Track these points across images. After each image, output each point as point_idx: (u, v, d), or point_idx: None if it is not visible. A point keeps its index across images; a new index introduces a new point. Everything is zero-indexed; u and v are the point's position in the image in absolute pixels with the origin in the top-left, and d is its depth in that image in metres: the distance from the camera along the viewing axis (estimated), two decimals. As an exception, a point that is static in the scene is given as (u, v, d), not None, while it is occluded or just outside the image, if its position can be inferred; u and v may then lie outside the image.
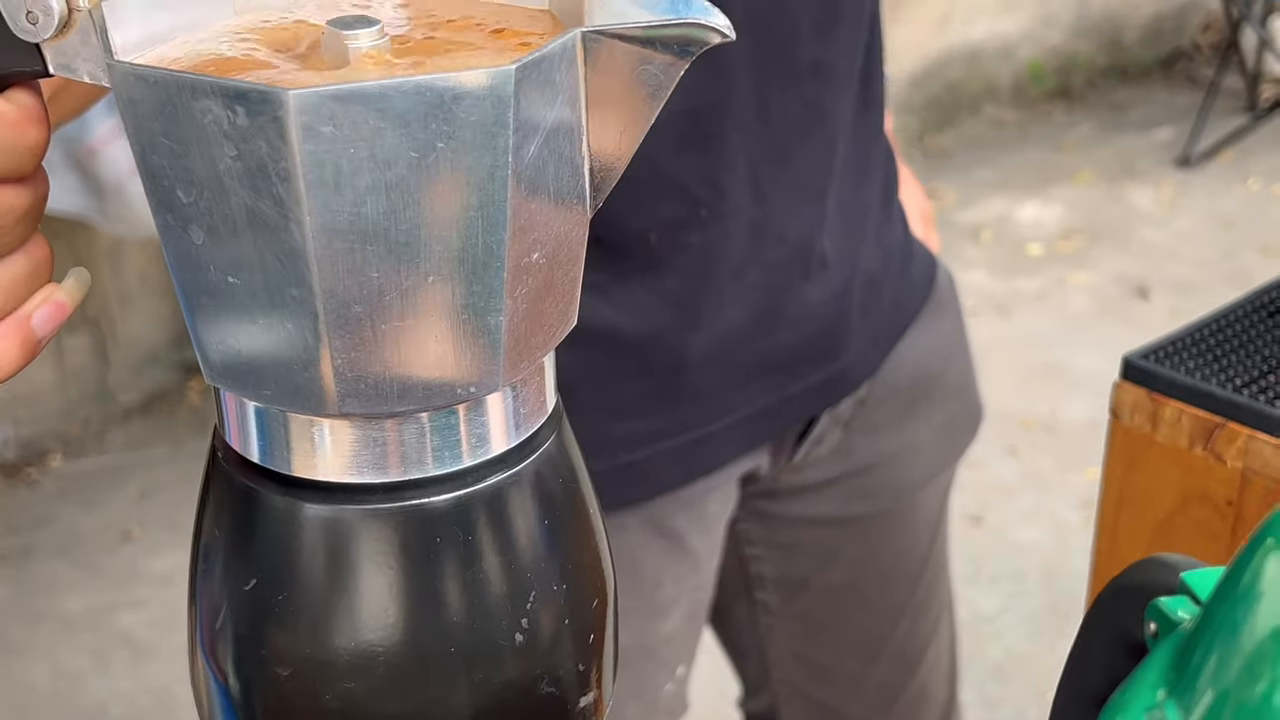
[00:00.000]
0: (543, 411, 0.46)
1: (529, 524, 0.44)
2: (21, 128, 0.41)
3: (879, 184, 0.99)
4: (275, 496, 0.43)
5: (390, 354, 0.40)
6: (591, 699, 0.47)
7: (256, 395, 0.42)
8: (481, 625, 0.43)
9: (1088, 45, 4.34)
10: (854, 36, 0.92)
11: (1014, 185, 3.75)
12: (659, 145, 0.83)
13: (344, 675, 0.42)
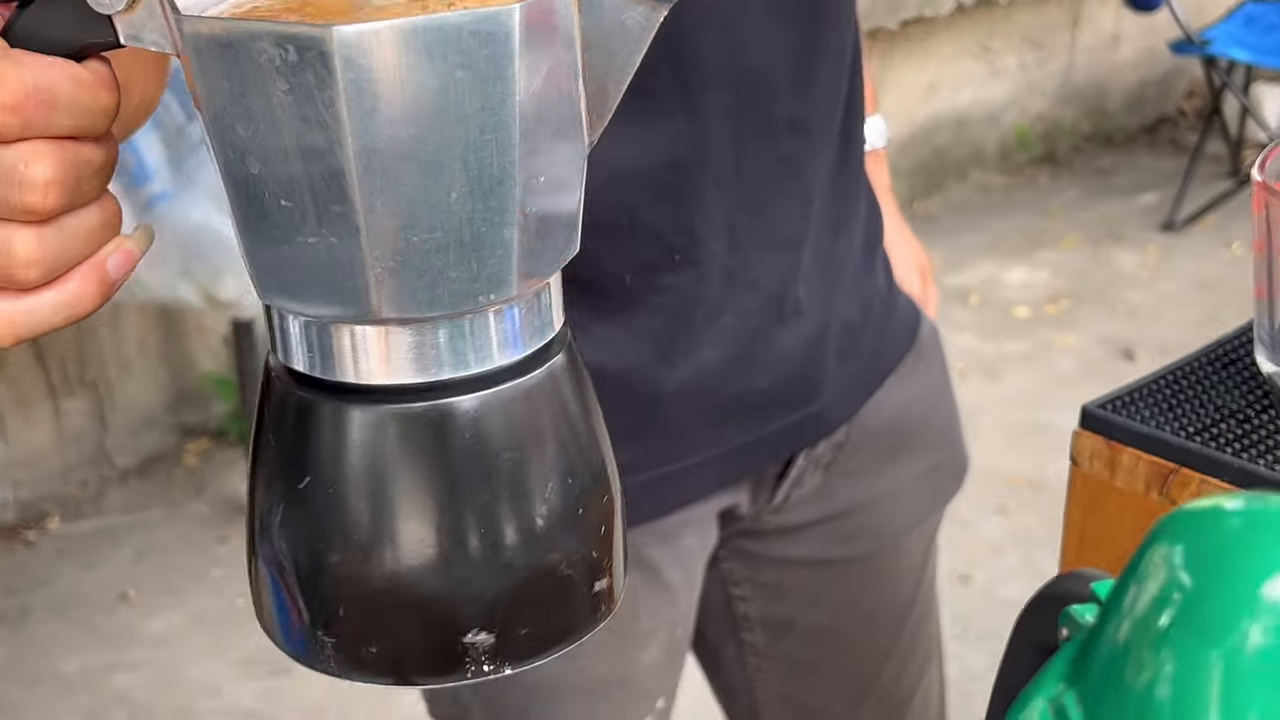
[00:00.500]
0: (554, 325, 0.52)
1: (545, 422, 0.50)
2: (96, 91, 0.46)
3: (860, 237, 1.02)
4: (322, 402, 0.49)
5: (421, 263, 0.46)
6: (605, 585, 0.53)
7: (303, 308, 0.48)
8: (506, 511, 0.49)
9: (1073, 112, 4.41)
10: (831, 93, 0.94)
11: (1001, 249, 3.80)
12: (636, 195, 0.87)
13: (386, 560, 0.48)
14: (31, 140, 0.45)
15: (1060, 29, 4.26)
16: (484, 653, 0.50)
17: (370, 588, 0.49)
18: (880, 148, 1.19)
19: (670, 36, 0.81)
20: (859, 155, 1.01)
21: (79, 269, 0.48)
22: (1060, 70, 4.32)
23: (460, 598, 0.49)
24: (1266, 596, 0.30)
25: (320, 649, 0.50)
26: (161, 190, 2.39)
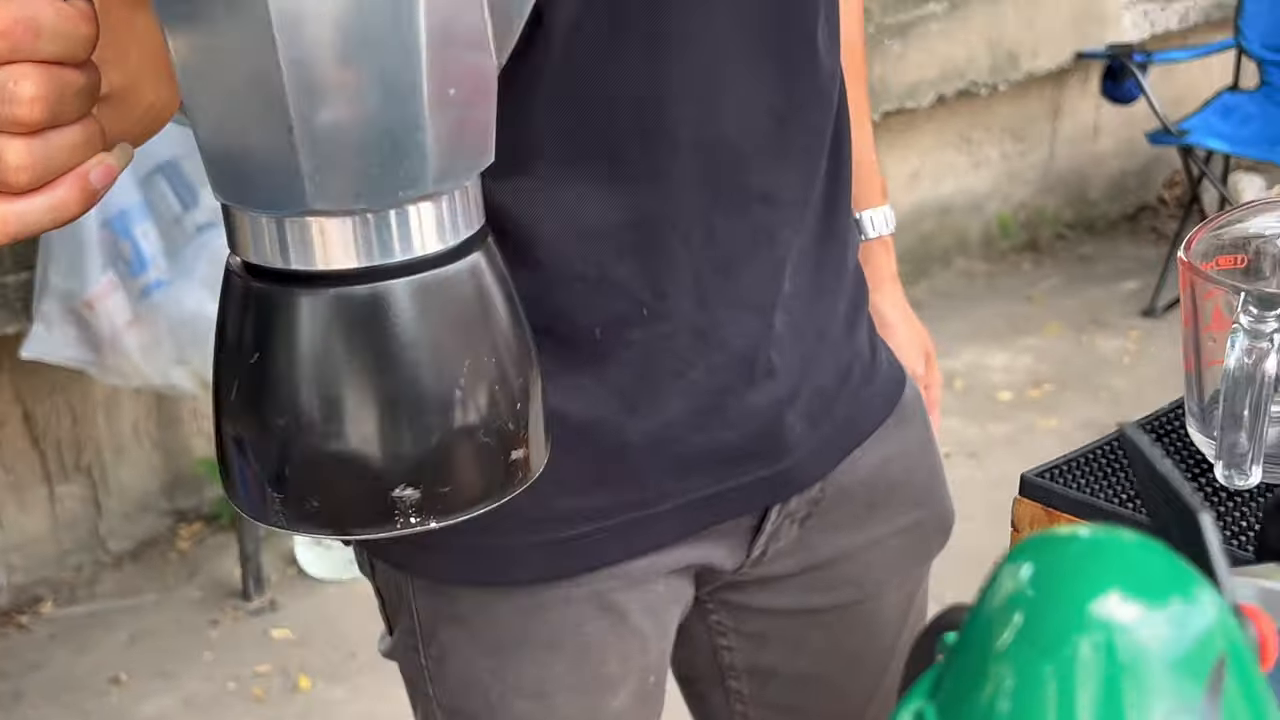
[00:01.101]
0: (474, 225, 0.60)
1: (466, 307, 0.59)
2: (77, 22, 0.54)
3: (841, 308, 1.03)
4: (269, 288, 0.57)
5: (345, 161, 0.54)
6: (521, 455, 0.61)
7: (251, 204, 0.56)
8: (430, 383, 0.57)
9: (1055, 200, 4.49)
10: (808, 168, 0.96)
11: (985, 335, 3.86)
12: (604, 251, 0.89)
13: (324, 424, 0.56)
14: (19, 63, 0.52)
15: (1041, 120, 4.35)
16: (411, 506, 0.57)
17: (311, 448, 0.56)
18: (888, 235, 1.22)
19: (643, 104, 0.86)
20: (844, 230, 1.03)
21: (65, 178, 0.56)
22: (1041, 160, 4.41)
23: (389, 457, 0.56)
24: (1095, 613, 0.34)
25: (270, 505, 0.58)
26: (158, 279, 2.44)
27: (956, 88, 3.85)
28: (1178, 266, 0.87)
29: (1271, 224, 0.89)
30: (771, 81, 0.92)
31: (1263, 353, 0.79)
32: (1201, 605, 0.35)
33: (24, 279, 2.45)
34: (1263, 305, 0.80)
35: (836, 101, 0.99)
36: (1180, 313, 0.88)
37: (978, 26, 3.82)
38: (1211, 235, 0.89)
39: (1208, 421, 0.87)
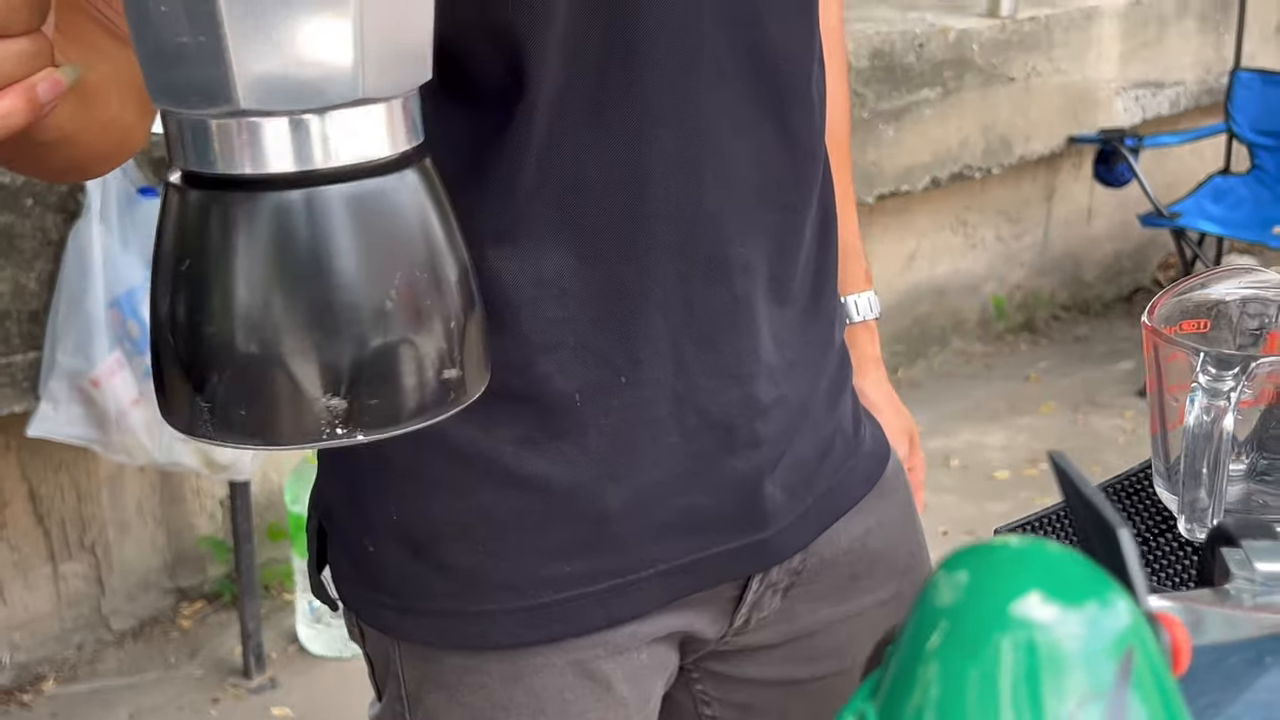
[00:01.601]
0: (414, 139, 0.60)
1: (400, 219, 0.59)
2: None
3: (824, 383, 1.04)
4: (205, 193, 0.57)
5: (275, 60, 0.54)
6: (454, 375, 0.60)
7: (185, 106, 0.56)
8: (360, 292, 0.57)
9: (1050, 282, 4.54)
10: (791, 243, 0.98)
11: (982, 415, 3.90)
12: (583, 320, 0.91)
13: (252, 330, 0.57)
14: None
15: (1035, 203, 4.41)
16: (338, 417, 0.57)
17: (239, 355, 0.57)
18: (872, 319, 1.24)
19: (625, 181, 0.89)
20: (830, 307, 1.05)
21: (12, 88, 0.57)
22: (1036, 243, 4.46)
23: (317, 365, 0.56)
24: (1016, 613, 0.37)
25: (198, 415, 0.58)
26: (163, 357, 2.48)
27: (950, 171, 3.91)
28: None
29: (1232, 290, 0.93)
30: (752, 159, 0.94)
31: (1220, 411, 0.83)
32: (1116, 608, 0.38)
33: (32, 358, 2.49)
34: (1220, 365, 0.83)
35: (820, 181, 1.01)
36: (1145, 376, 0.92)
37: (970, 112, 3.89)
38: (1175, 301, 0.93)
39: (1173, 479, 0.90)
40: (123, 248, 2.48)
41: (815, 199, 1.01)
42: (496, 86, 0.85)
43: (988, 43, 3.87)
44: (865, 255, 1.26)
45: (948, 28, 3.79)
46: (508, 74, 0.85)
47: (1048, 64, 4.03)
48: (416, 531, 0.97)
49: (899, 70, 3.69)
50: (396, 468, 0.96)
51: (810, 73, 0.98)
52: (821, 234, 1.02)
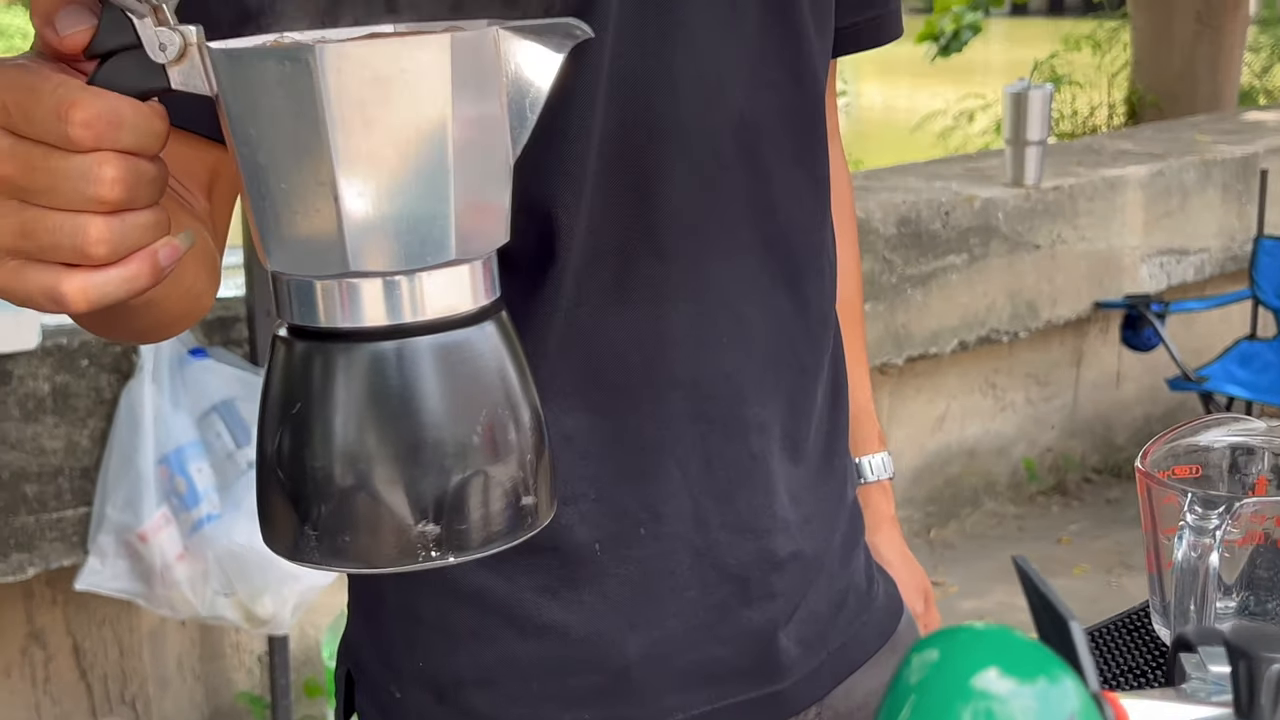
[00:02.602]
0: (491, 294, 0.67)
1: (482, 365, 0.66)
2: (151, 118, 0.61)
3: (837, 538, 1.08)
4: (310, 344, 0.64)
5: (381, 229, 0.62)
6: (531, 502, 0.67)
7: (297, 269, 0.64)
8: (448, 429, 0.64)
9: (1080, 445, 4.57)
10: (803, 405, 1.02)
11: (1014, 576, 3.87)
12: (604, 474, 0.96)
13: (358, 461, 0.63)
14: (103, 150, 0.60)
15: (1064, 366, 4.47)
16: (433, 541, 0.64)
17: (343, 487, 0.63)
18: (885, 480, 1.27)
19: (644, 346, 0.96)
20: (842, 466, 1.09)
21: (137, 254, 0.62)
22: (1066, 405, 4.51)
23: (413, 495, 0.63)
24: (976, 686, 0.43)
25: (307, 543, 0.64)
26: (209, 513, 2.55)
27: (978, 335, 3.98)
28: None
29: (1220, 437, 0.99)
30: (767, 326, 0.99)
31: (1206, 548, 0.88)
32: (1065, 686, 0.44)
33: (82, 513, 2.56)
34: (1206, 505, 0.89)
35: (831, 346, 1.07)
36: (1141, 519, 0.97)
37: (997, 277, 3.97)
38: (1167, 447, 0.99)
39: (1167, 615, 0.95)
40: (173, 407, 2.57)
41: (827, 361, 1.06)
42: (529, 253, 0.92)
43: (1013, 211, 3.96)
44: (878, 416, 1.31)
45: (973, 196, 3.89)
46: (539, 242, 0.92)
47: (1072, 231, 4.12)
48: (441, 678, 1.00)
49: (926, 237, 3.79)
50: (423, 617, 1.00)
51: (822, 244, 1.05)
52: (833, 395, 1.08)
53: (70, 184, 0.60)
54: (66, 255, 0.61)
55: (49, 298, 0.62)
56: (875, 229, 3.66)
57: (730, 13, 0.95)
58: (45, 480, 2.53)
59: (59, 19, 0.61)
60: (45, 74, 0.61)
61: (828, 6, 1.02)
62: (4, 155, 0.60)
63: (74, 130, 0.59)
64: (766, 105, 0.98)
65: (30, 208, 0.61)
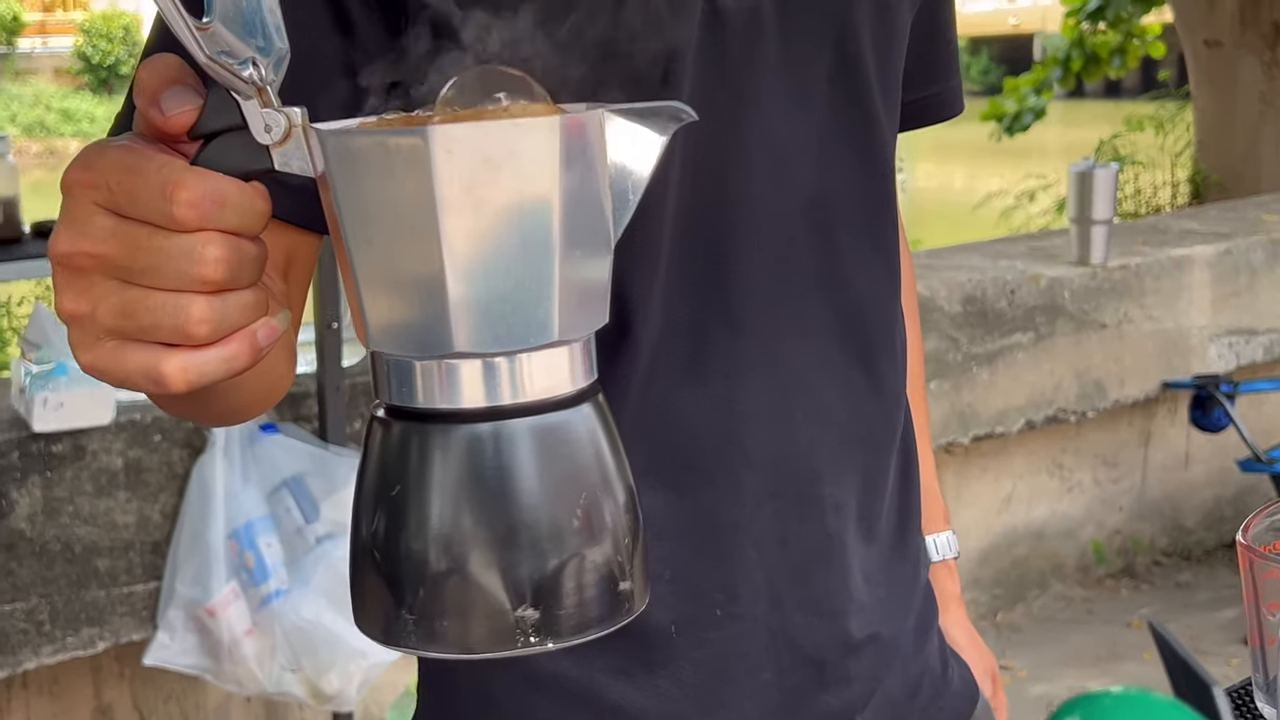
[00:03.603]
0: (589, 376, 0.67)
1: (581, 447, 0.65)
2: (254, 198, 0.61)
3: (912, 621, 1.07)
4: (410, 425, 0.64)
5: (486, 311, 0.62)
6: (628, 587, 0.66)
7: (401, 350, 0.63)
8: (547, 514, 0.63)
9: (1149, 527, 4.51)
10: (877, 484, 1.02)
11: (1084, 660, 3.85)
12: (678, 553, 0.95)
13: (458, 545, 0.63)
14: (206, 230, 0.59)
15: (1132, 447, 4.42)
16: (531, 626, 0.63)
17: (443, 572, 0.63)
18: (951, 559, 1.27)
19: (719, 423, 0.96)
20: (914, 547, 1.09)
21: (237, 334, 0.61)
22: (1134, 487, 4.45)
23: (511, 580, 0.63)
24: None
25: (404, 627, 0.64)
26: (278, 588, 2.56)
27: (1045, 414, 3.94)
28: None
29: (1323, 511, 0.97)
30: (841, 403, 0.99)
31: (1314, 625, 0.86)
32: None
33: (152, 588, 2.57)
34: (1312, 580, 0.87)
35: (902, 425, 1.06)
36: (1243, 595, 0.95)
37: (1064, 356, 3.95)
38: (1269, 520, 0.97)
39: (1271, 693, 0.93)
40: (243, 482, 2.59)
41: (899, 439, 1.06)
42: (603, 329, 0.92)
43: (1079, 290, 3.94)
44: (943, 496, 1.30)
45: (1039, 275, 3.87)
46: (613, 318, 0.92)
47: (1139, 311, 4.09)
48: None
49: (991, 315, 3.77)
50: (496, 699, 0.99)
51: (894, 320, 1.05)
52: (904, 473, 1.07)
53: (174, 264, 0.59)
54: (167, 335, 0.60)
55: (148, 378, 0.61)
56: (940, 307, 3.65)
57: (799, 90, 0.96)
58: (116, 555, 2.54)
59: (165, 99, 0.61)
60: (149, 154, 0.61)
61: (895, 81, 1.03)
62: (107, 235, 0.60)
63: (179, 210, 0.59)
64: (837, 181, 0.98)
65: (132, 287, 0.60)
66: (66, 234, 0.61)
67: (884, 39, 1.00)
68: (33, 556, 2.47)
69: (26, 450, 2.45)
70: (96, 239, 0.60)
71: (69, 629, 2.52)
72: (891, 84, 1.02)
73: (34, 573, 2.48)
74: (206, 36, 0.60)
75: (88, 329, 0.62)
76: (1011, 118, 8.17)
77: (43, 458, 2.46)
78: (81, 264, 0.61)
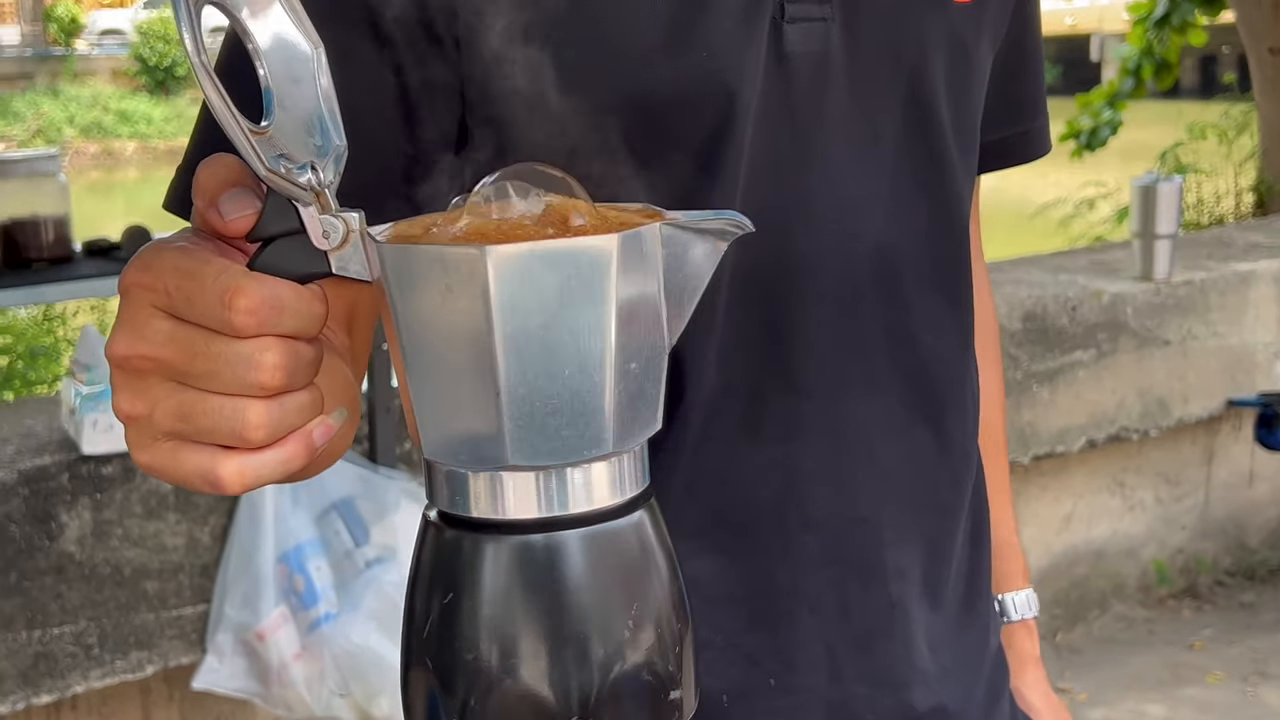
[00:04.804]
0: (641, 483, 0.66)
1: (633, 556, 0.65)
2: (312, 302, 0.61)
3: (981, 690, 1.03)
4: (463, 535, 0.64)
5: (541, 423, 0.62)
6: (678, 695, 0.66)
7: (456, 459, 0.64)
8: (599, 624, 0.63)
9: (1212, 546, 4.42)
10: (944, 548, 0.98)
11: (1145, 683, 3.77)
12: (732, 619, 0.91)
13: (510, 654, 0.63)
14: (264, 336, 0.59)
15: (1194, 465, 4.33)
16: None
17: (494, 682, 0.63)
18: (1030, 619, 1.20)
19: (776, 484, 0.91)
20: (984, 611, 1.04)
21: (292, 435, 0.61)
22: (1197, 505, 4.37)
23: (563, 691, 0.63)
24: None
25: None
26: (327, 612, 2.53)
27: (1107, 433, 3.87)
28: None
29: None
30: (906, 465, 0.95)
31: None
32: None
33: (201, 611, 2.55)
34: None
35: (973, 484, 1.02)
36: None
37: (1126, 374, 3.87)
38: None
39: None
40: (293, 504, 2.57)
41: (969, 501, 1.01)
42: None
43: (1142, 306, 3.87)
44: (1021, 551, 1.24)
45: (1101, 291, 3.80)
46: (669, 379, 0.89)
47: (1204, 327, 4.01)
48: None
49: (1052, 332, 3.70)
50: None
51: (965, 375, 1.00)
52: (974, 535, 1.03)
53: (231, 369, 0.59)
54: (224, 438, 0.61)
55: (205, 480, 0.62)
56: (999, 324, 3.58)
57: (869, 137, 0.92)
58: (166, 577, 2.53)
59: (223, 203, 0.61)
60: (207, 257, 0.61)
61: (972, 125, 0.98)
62: (165, 339, 0.60)
63: (237, 317, 0.59)
64: (907, 231, 0.94)
65: (189, 390, 0.61)
66: (125, 336, 0.61)
67: (961, 81, 0.95)
68: (82, 580, 2.46)
69: (76, 472, 2.44)
70: (155, 342, 0.60)
71: (118, 652, 2.51)
72: (968, 128, 0.97)
73: (83, 596, 2.46)
74: (263, 140, 0.60)
75: (145, 430, 0.62)
76: (1088, 134, 8.07)
77: (92, 480, 2.45)
78: (139, 366, 0.61)
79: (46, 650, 2.45)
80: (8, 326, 5.95)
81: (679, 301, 0.65)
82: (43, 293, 2.73)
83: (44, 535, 2.41)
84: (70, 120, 22.30)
